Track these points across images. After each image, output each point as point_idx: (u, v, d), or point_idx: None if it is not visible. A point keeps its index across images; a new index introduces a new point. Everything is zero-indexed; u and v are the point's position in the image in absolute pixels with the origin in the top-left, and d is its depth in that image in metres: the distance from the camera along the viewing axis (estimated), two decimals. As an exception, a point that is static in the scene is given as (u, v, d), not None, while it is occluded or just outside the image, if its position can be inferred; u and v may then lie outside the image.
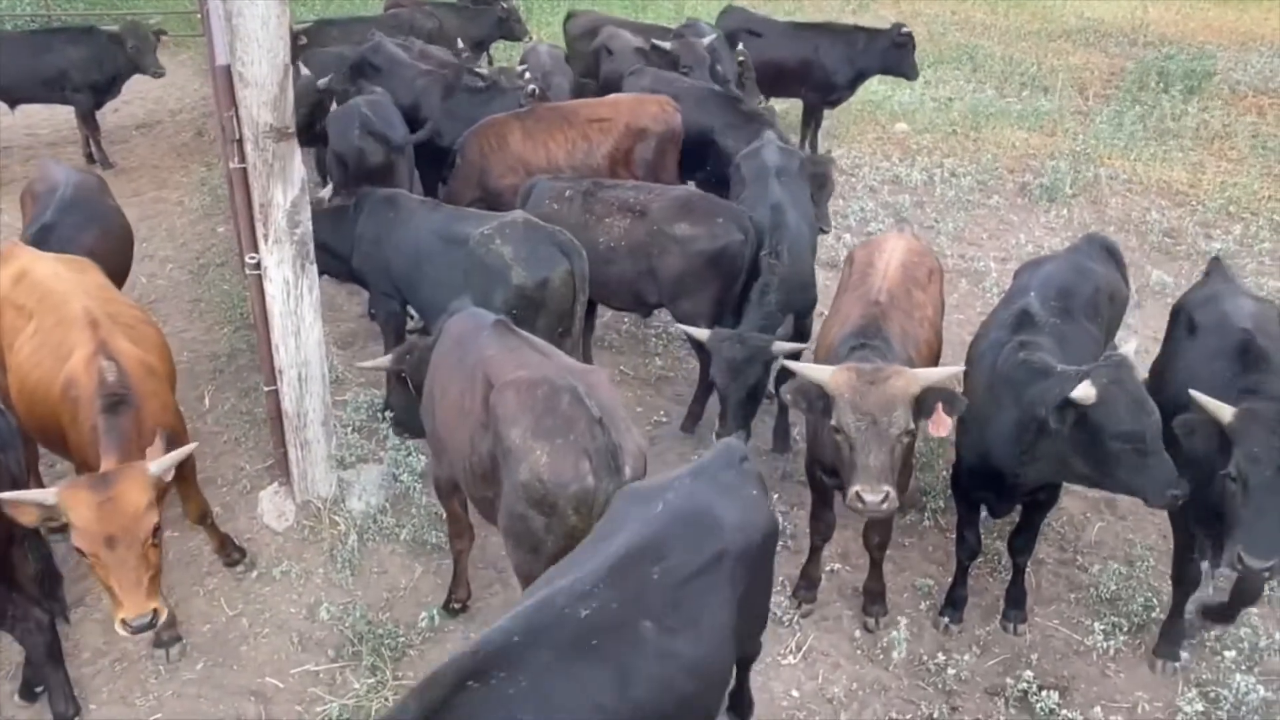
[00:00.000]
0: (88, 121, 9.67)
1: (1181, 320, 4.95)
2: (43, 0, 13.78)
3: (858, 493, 3.99)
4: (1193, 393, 4.07)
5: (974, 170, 10.20)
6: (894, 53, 9.99)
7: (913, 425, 4.08)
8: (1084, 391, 4.00)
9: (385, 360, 5.08)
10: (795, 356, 5.60)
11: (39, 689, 4.43)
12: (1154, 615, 5.00)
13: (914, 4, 16.08)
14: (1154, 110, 11.84)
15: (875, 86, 12.15)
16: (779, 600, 5.09)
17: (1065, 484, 5.73)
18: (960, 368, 4.46)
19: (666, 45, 8.82)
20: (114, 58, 9.28)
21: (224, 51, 4.62)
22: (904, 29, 10.02)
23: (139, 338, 4.78)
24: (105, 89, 9.60)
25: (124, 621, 3.76)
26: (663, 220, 6.05)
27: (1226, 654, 4.74)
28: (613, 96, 7.77)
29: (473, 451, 4.12)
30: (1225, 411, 3.99)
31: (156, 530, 3.84)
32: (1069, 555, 5.49)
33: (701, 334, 5.48)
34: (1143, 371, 4.67)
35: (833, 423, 4.12)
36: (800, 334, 6.09)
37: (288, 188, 4.76)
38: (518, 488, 3.80)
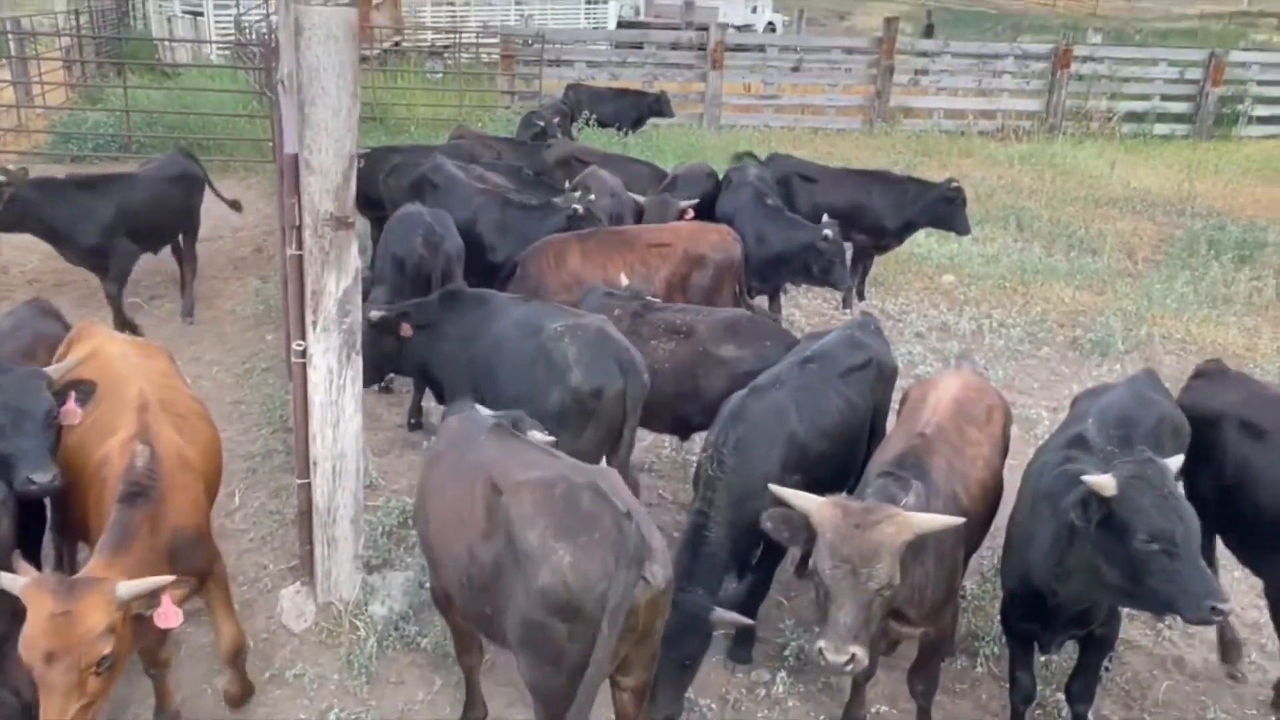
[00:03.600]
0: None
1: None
2: (125, 122, 14.50)
3: (821, 649, 3.73)
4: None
5: (1023, 322, 10.12)
6: (943, 206, 10.09)
7: (896, 579, 3.76)
8: (1102, 481, 3.82)
9: None
10: (749, 633, 5.06)
11: None
12: (1232, 784, 4.59)
13: (960, 168, 16.35)
14: (1205, 276, 11.79)
15: (921, 239, 12.25)
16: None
17: (1126, 639, 5.48)
18: (959, 519, 4.03)
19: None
20: None
21: (293, 142, 4.74)
22: (953, 183, 10.17)
23: (187, 429, 4.65)
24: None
25: None
26: (709, 341, 6.02)
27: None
28: (675, 224, 7.89)
29: (472, 563, 3.85)
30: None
31: (104, 659, 3.43)
32: (1135, 714, 5.10)
33: None
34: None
35: (810, 565, 3.87)
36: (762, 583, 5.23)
37: (341, 276, 4.78)
38: (536, 594, 3.52)
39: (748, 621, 4.74)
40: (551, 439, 4.41)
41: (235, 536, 5.96)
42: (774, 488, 4.19)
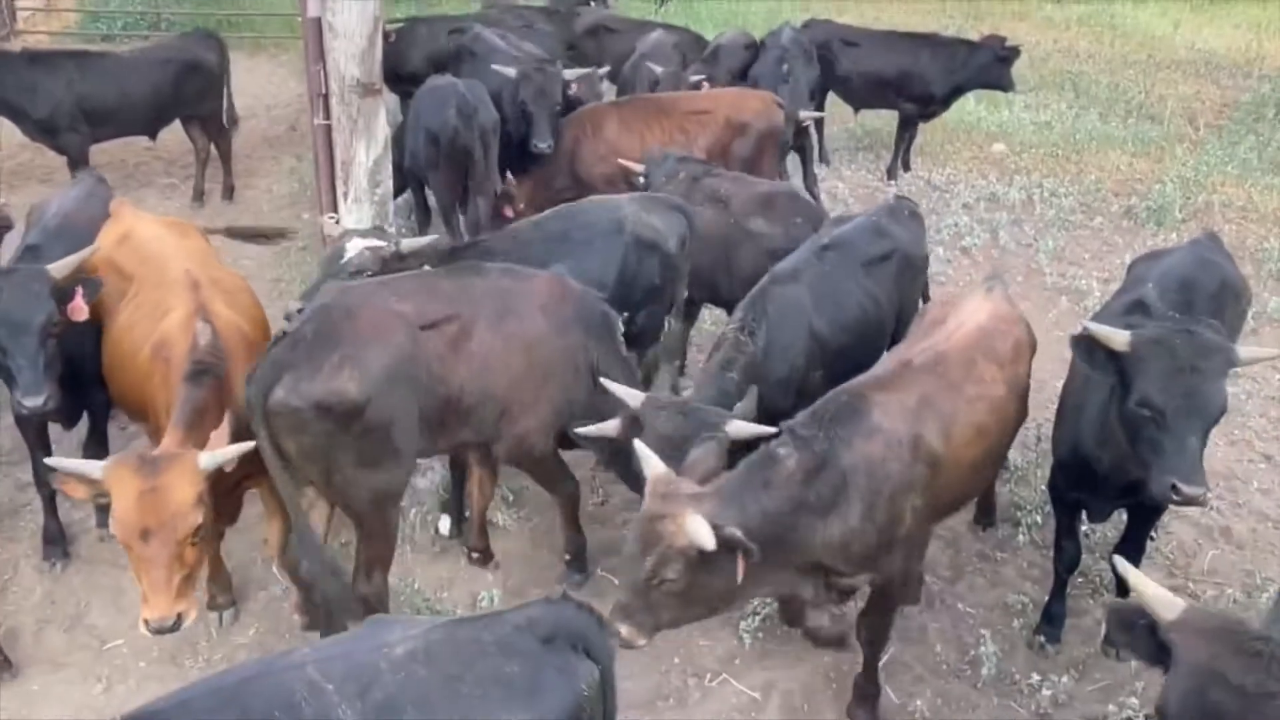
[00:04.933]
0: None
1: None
2: (152, 0, 14.22)
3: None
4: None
5: (1076, 191, 9.76)
6: (996, 67, 9.64)
7: (669, 577, 3.26)
8: (1112, 336, 3.70)
9: (611, 426, 4.17)
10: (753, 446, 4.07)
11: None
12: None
13: (1015, 31, 15.51)
14: (1270, 141, 11.25)
15: (971, 107, 11.81)
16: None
17: (1173, 509, 5.39)
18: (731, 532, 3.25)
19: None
20: None
21: (316, 5, 4.56)
22: (1007, 42, 9.69)
23: (237, 304, 4.60)
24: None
25: (145, 621, 3.48)
26: (741, 214, 5.84)
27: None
28: (715, 90, 7.61)
29: None
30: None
31: (199, 529, 3.53)
32: (1180, 582, 5.05)
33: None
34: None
35: None
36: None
37: (371, 145, 4.68)
38: None
39: (769, 430, 3.97)
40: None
41: (279, 411, 6.01)
42: (637, 443, 3.69)
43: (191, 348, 4.01)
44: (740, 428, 4.05)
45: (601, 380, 4.31)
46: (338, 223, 4.79)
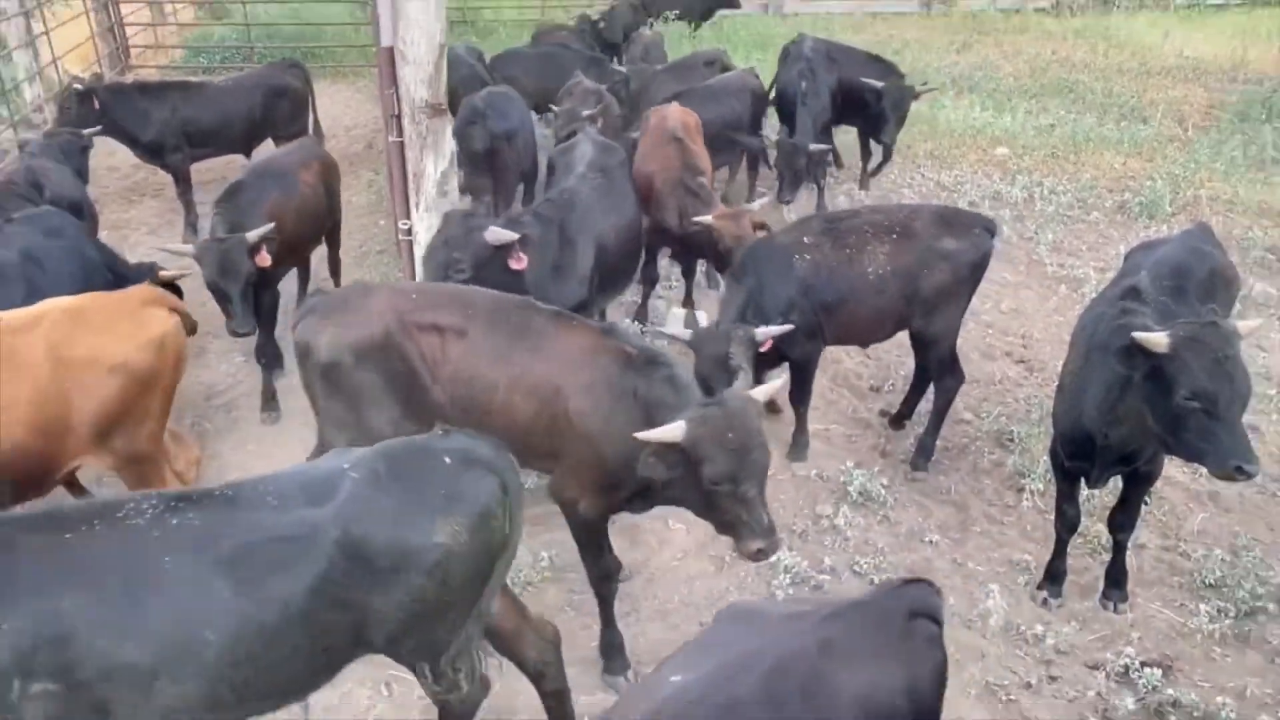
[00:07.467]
0: None
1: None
2: (247, 35, 14.39)
3: None
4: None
5: (1073, 189, 9.55)
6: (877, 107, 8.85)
7: None
8: (1153, 339, 3.59)
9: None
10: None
11: None
12: (1261, 603, 4.45)
13: (1016, 43, 15.29)
14: (1255, 140, 10.91)
15: (977, 113, 11.62)
16: (876, 562, 4.74)
17: (1165, 475, 5.29)
18: None
19: None
20: None
21: (388, 35, 4.60)
22: (878, 85, 8.76)
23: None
24: None
25: None
26: (929, 237, 5.35)
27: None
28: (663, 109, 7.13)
29: None
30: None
31: None
32: (1171, 542, 4.96)
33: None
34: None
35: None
36: None
37: (438, 159, 4.72)
38: None
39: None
40: None
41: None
42: None
43: None
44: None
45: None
46: (410, 230, 4.84)
